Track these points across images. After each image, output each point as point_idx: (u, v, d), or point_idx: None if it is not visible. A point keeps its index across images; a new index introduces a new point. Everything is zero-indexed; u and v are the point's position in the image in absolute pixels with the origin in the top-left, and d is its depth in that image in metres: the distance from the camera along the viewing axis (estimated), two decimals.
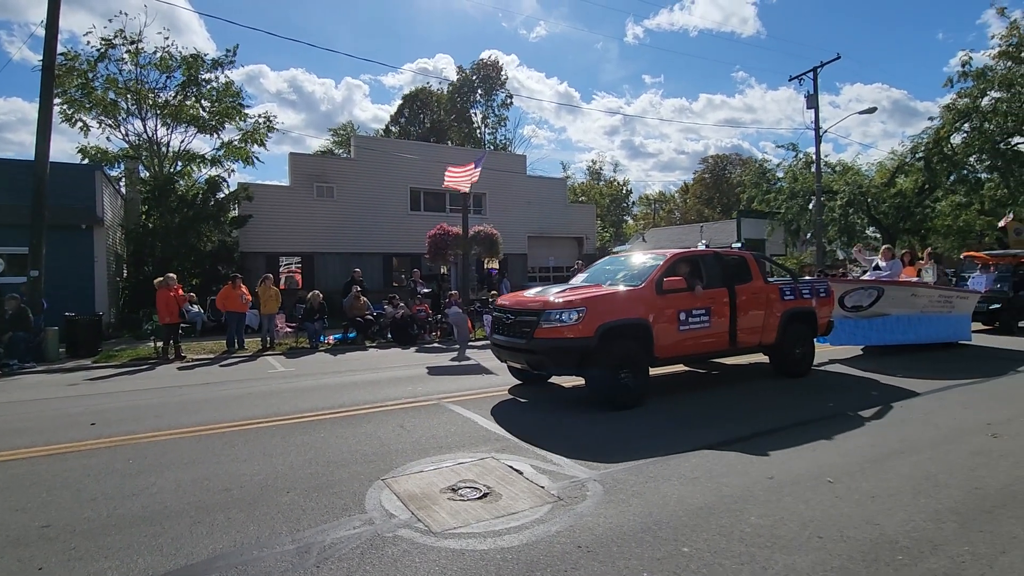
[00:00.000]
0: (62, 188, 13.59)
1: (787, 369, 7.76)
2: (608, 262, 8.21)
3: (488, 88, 48.35)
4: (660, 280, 6.52)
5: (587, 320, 5.95)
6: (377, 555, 3.02)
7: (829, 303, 8.41)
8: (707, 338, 6.89)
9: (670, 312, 6.51)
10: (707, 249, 7.92)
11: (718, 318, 6.95)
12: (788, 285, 7.88)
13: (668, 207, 66.95)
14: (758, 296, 7.43)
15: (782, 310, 7.59)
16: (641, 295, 6.42)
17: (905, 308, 9.83)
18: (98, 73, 19.26)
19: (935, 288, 10.57)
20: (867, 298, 9.53)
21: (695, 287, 6.75)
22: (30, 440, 5.40)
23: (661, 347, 6.42)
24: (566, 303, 6.09)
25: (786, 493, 3.82)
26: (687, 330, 6.66)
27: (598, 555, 3.00)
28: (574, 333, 5.95)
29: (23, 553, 3.11)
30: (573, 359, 6.01)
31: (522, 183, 27.15)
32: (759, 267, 7.70)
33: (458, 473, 4.23)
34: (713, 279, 7.09)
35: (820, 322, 8.19)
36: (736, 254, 7.91)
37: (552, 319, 6.04)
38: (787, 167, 28.03)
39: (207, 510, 3.65)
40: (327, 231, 21.95)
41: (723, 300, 7.04)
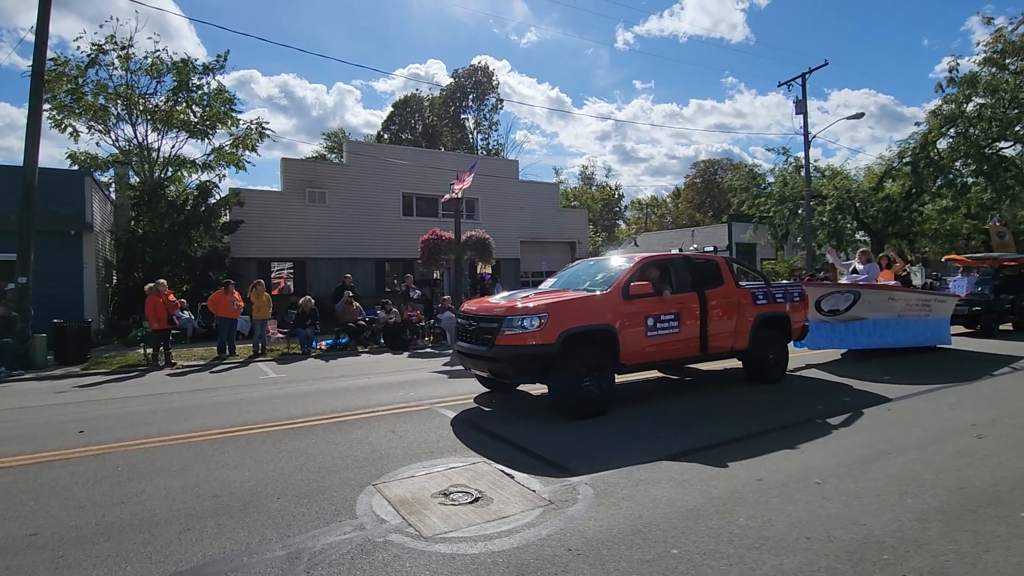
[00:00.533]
0: (51, 194, 13.49)
1: (760, 375, 7.63)
2: (580, 266, 8.06)
3: (480, 93, 48.53)
4: (627, 285, 6.37)
5: (549, 326, 5.77)
6: (368, 560, 3.02)
7: (803, 307, 8.31)
8: (677, 344, 6.76)
9: (637, 318, 6.37)
10: (677, 253, 7.77)
11: (688, 323, 6.82)
12: (761, 289, 7.74)
13: (660, 211, 67.30)
14: (729, 301, 7.30)
15: (754, 315, 7.47)
16: (606, 300, 6.28)
17: (883, 312, 9.74)
18: (88, 79, 19.20)
19: (912, 292, 10.51)
20: (844, 302, 9.45)
21: (663, 292, 6.66)
22: (17, 448, 5.35)
23: (628, 353, 6.28)
24: (528, 309, 5.90)
25: (774, 495, 3.85)
26: (655, 336, 6.53)
27: (588, 558, 3.02)
28: (536, 340, 5.76)
29: (11, 562, 3.09)
30: (536, 367, 5.84)
31: (514, 188, 27.23)
32: (731, 271, 7.59)
33: (449, 478, 4.23)
34: (683, 283, 6.96)
35: (794, 327, 8.09)
36: (707, 258, 7.82)
37: (514, 326, 5.85)
38: (777, 171, 28.28)
39: (197, 517, 3.64)
40: (319, 236, 21.90)
41: (693, 305, 6.90)
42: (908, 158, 24.04)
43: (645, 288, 6.36)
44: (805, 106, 22.76)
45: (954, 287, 13.81)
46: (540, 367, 5.84)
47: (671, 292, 6.75)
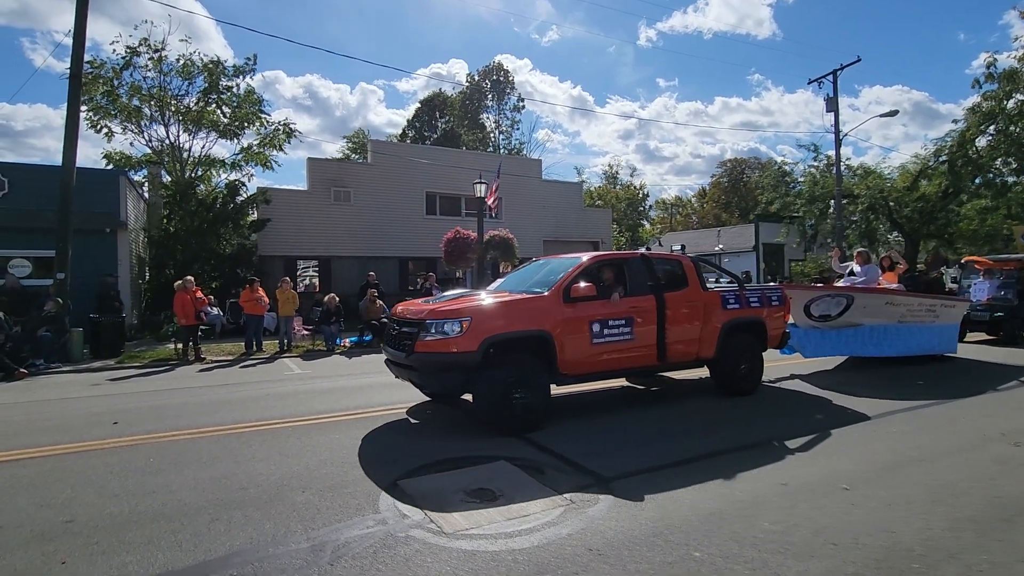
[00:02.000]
0: (87, 193, 13.92)
1: (730, 386, 6.97)
2: (532, 265, 7.38)
3: (499, 93, 48.62)
4: (568, 287, 5.79)
5: (471, 332, 5.21)
6: (389, 554, 3.06)
7: (782, 312, 7.63)
8: (629, 351, 6.14)
9: (580, 323, 5.80)
10: (633, 252, 7.02)
11: (643, 329, 6.21)
12: (732, 292, 7.12)
13: (685, 211, 66.51)
14: (694, 305, 6.68)
15: (723, 320, 6.83)
16: (544, 304, 5.73)
17: (880, 318, 8.91)
18: (123, 80, 19.79)
19: (916, 296, 9.67)
20: (836, 307, 8.61)
21: (612, 294, 6.09)
22: (55, 438, 5.55)
23: (569, 362, 5.72)
24: (449, 312, 5.37)
25: (799, 499, 3.78)
26: (603, 343, 5.94)
27: (608, 558, 3.00)
28: (457, 347, 5.20)
29: (48, 547, 3.21)
30: (457, 377, 5.30)
31: (538, 187, 27.20)
32: (697, 272, 6.93)
33: (471, 476, 4.26)
34: (639, 285, 6.37)
35: (771, 333, 7.39)
36: (669, 258, 7.24)
37: (434, 330, 5.29)
38: (807, 171, 27.70)
39: (224, 508, 3.73)
40: (344, 235, 22.20)
41: (649, 309, 6.28)
42: (945, 156, 23.32)
43: (589, 290, 5.74)
44: (836, 103, 22.25)
45: (975, 291, 13.01)
46: (462, 377, 5.30)
47: (624, 295, 6.18)
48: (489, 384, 5.26)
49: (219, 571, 2.92)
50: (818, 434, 5.34)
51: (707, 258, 8.88)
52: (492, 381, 5.26)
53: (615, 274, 6.45)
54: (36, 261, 13.70)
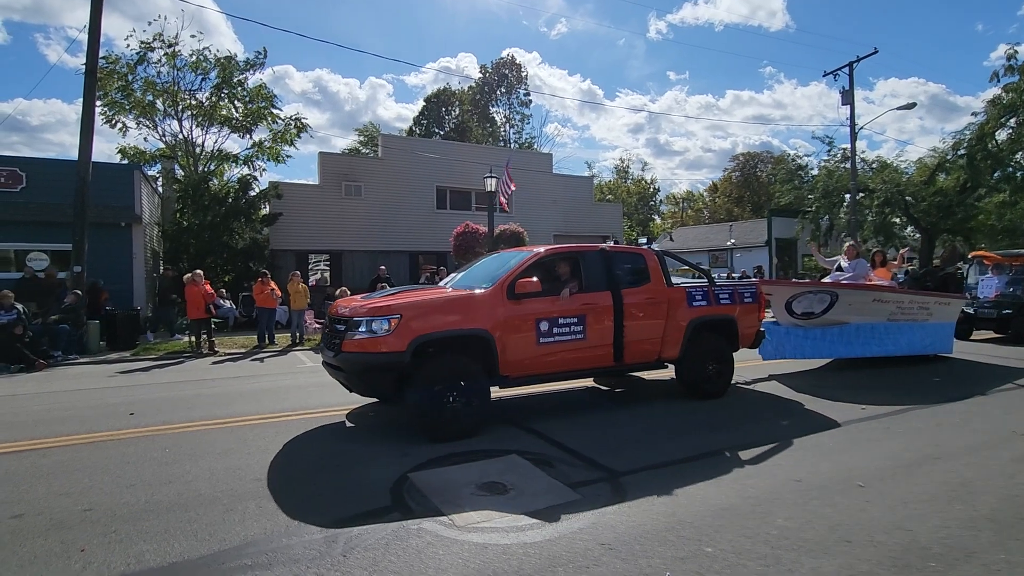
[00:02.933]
0: (103, 187, 14.08)
1: (696, 388, 6.55)
2: (492, 258, 6.82)
3: (508, 87, 48.51)
4: (513, 282, 5.40)
5: (399, 331, 4.86)
6: (401, 546, 3.08)
7: (756, 310, 7.12)
8: (581, 352, 5.74)
9: (525, 321, 5.42)
10: (589, 245, 6.52)
11: (597, 328, 5.81)
12: (699, 289, 6.66)
13: (696, 206, 66.03)
14: (655, 301, 6.25)
15: (689, 318, 6.40)
16: (483, 300, 5.33)
17: (867, 315, 8.44)
18: (137, 76, 19.95)
19: (907, 293, 9.28)
20: (819, 304, 8.17)
21: (562, 290, 5.72)
22: (73, 428, 5.65)
23: (511, 363, 5.36)
24: (378, 309, 5.00)
25: (813, 496, 3.75)
26: (550, 343, 5.54)
27: (620, 553, 3.00)
28: (384, 347, 4.86)
29: (67, 535, 3.27)
30: (386, 379, 4.97)
31: (548, 181, 27.12)
32: (660, 267, 6.50)
33: (483, 469, 4.27)
34: (595, 281, 5.97)
35: (743, 332, 6.94)
36: (630, 251, 6.73)
37: (361, 329, 4.95)
38: (821, 165, 27.36)
39: (239, 498, 3.77)
40: (355, 229, 22.29)
41: (605, 306, 5.88)
42: (964, 150, 22.91)
43: (535, 286, 5.36)
44: (852, 96, 21.92)
45: (982, 287, 12.57)
46: (392, 379, 4.97)
47: (577, 291, 5.81)
48: (419, 387, 4.88)
49: (234, 560, 2.95)
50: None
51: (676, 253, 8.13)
52: (422, 384, 4.89)
53: (569, 269, 6.08)
54: (53, 254, 13.92)
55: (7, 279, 12.49)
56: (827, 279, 9.24)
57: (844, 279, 8.82)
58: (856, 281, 8.73)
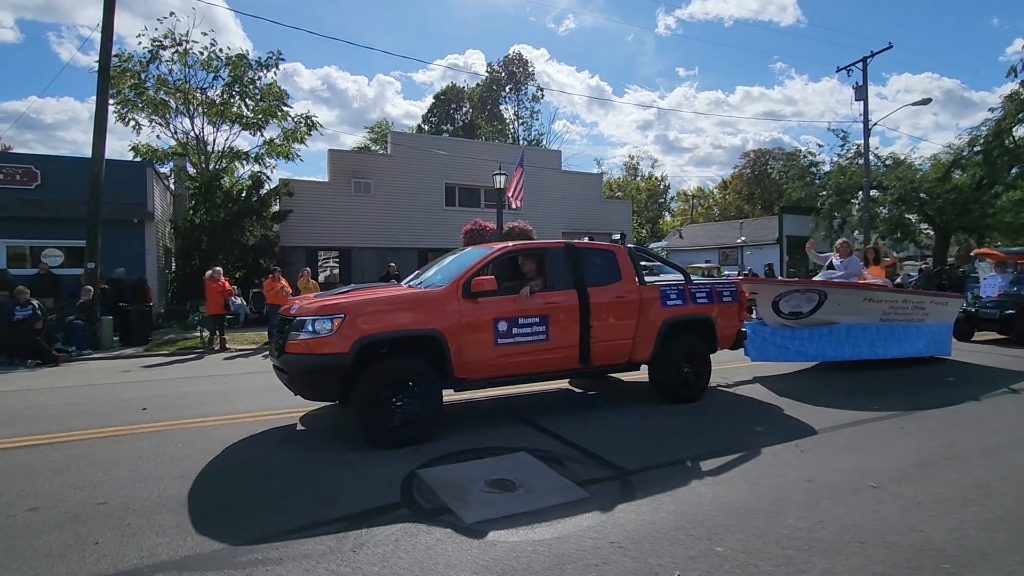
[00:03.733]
0: (115, 184, 14.22)
1: (670, 391, 6.25)
2: (458, 255, 6.41)
3: (517, 83, 48.45)
4: (468, 281, 5.17)
5: (343, 331, 4.63)
6: (411, 543, 3.08)
7: (736, 310, 6.80)
8: (543, 353, 5.47)
9: (482, 321, 5.17)
10: (554, 241, 6.26)
11: (561, 328, 5.54)
12: (674, 287, 6.36)
13: (707, 203, 65.60)
14: (626, 301, 5.95)
15: (662, 318, 6.11)
16: (436, 299, 5.10)
17: (858, 315, 8.07)
18: (149, 74, 20.12)
19: (900, 292, 8.83)
20: (807, 303, 7.83)
21: (522, 289, 5.47)
22: (87, 423, 5.72)
23: (468, 365, 5.12)
24: (322, 308, 4.78)
25: (825, 496, 3.72)
26: (509, 344, 5.28)
27: (629, 551, 2.99)
28: (327, 348, 4.63)
29: (81, 528, 3.31)
30: (330, 382, 4.73)
31: (557, 179, 27.07)
32: (632, 264, 6.20)
33: (492, 466, 4.27)
34: (560, 279, 5.71)
35: (722, 332, 6.62)
36: (599, 248, 6.40)
37: (304, 329, 4.73)
38: (834, 161, 27.06)
39: (250, 494, 3.80)
40: (364, 226, 22.37)
41: (569, 305, 5.60)
42: (980, 146, 22.57)
43: (492, 284, 5.14)
44: (866, 92, 21.68)
45: (985, 286, 12.04)
46: (335, 382, 4.73)
47: (540, 289, 5.57)
48: (363, 390, 4.66)
49: (245, 556, 2.97)
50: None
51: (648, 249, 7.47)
52: (367, 387, 4.67)
53: (534, 267, 5.90)
54: (67, 250, 14.09)
55: (22, 275, 12.65)
56: (819, 277, 8.92)
57: (836, 278, 8.49)
58: (848, 280, 8.39)
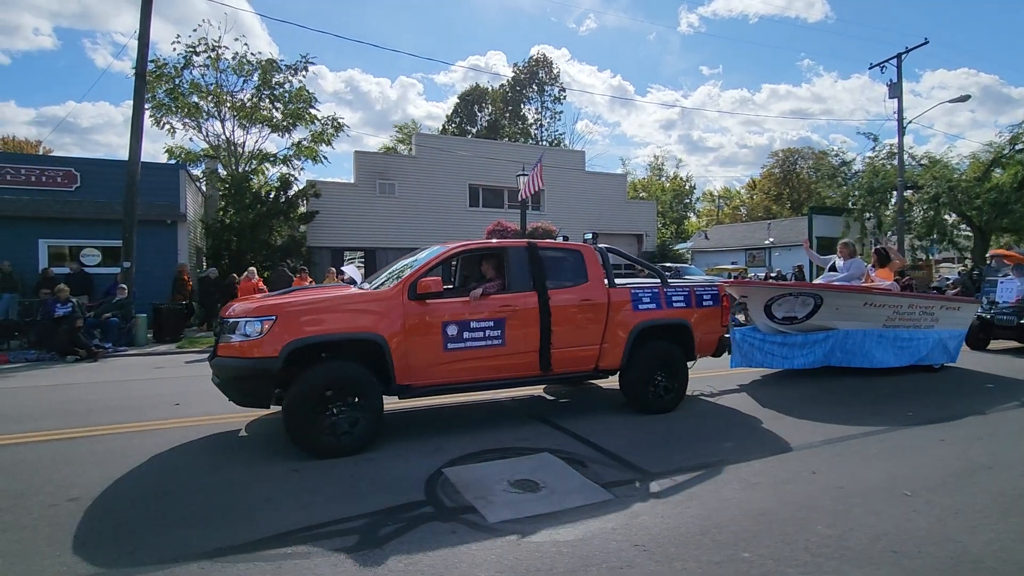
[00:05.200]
0: (150, 186, 14.63)
1: (641, 401, 5.84)
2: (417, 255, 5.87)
3: (540, 84, 48.46)
4: (415, 282, 4.89)
5: (273, 334, 4.40)
6: (436, 540, 3.11)
7: (717, 315, 6.39)
8: (498, 359, 5.17)
9: (430, 324, 4.90)
10: (516, 240, 5.82)
11: (518, 332, 5.22)
12: (648, 290, 5.98)
13: (733, 203, 64.57)
14: (593, 304, 5.61)
15: (633, 323, 5.76)
16: (379, 301, 4.83)
17: (858, 321, 7.64)
18: (183, 79, 20.69)
19: (907, 296, 8.37)
20: (802, 307, 7.41)
21: (473, 290, 5.21)
22: (124, 417, 5.90)
23: (414, 370, 4.85)
24: (254, 310, 4.57)
25: (856, 504, 3.63)
26: (460, 349, 5.00)
27: (654, 555, 2.96)
28: (258, 352, 4.40)
29: (118, 518, 3.42)
30: (260, 388, 4.50)
31: (580, 179, 26.98)
32: (601, 265, 5.89)
33: (515, 467, 4.28)
34: (520, 281, 5.38)
35: (700, 339, 6.21)
36: (565, 247, 5.97)
37: (236, 331, 4.53)
38: (867, 160, 26.37)
39: (279, 487, 3.87)
40: (389, 226, 22.63)
41: (528, 309, 5.27)
42: (1022, 144, 21.76)
43: (437, 286, 4.87)
44: (900, 89, 21.08)
45: (1001, 290, 11.12)
46: (267, 388, 4.51)
47: (496, 291, 5.27)
48: (295, 397, 4.40)
49: (274, 547, 3.04)
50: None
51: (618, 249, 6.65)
52: (296, 394, 4.41)
53: (492, 267, 5.62)
54: (104, 250, 14.57)
55: (60, 274, 13.12)
56: (819, 280, 8.48)
57: (836, 280, 8.05)
58: (849, 283, 7.94)
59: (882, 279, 8.36)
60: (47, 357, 10.19)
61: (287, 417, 4.44)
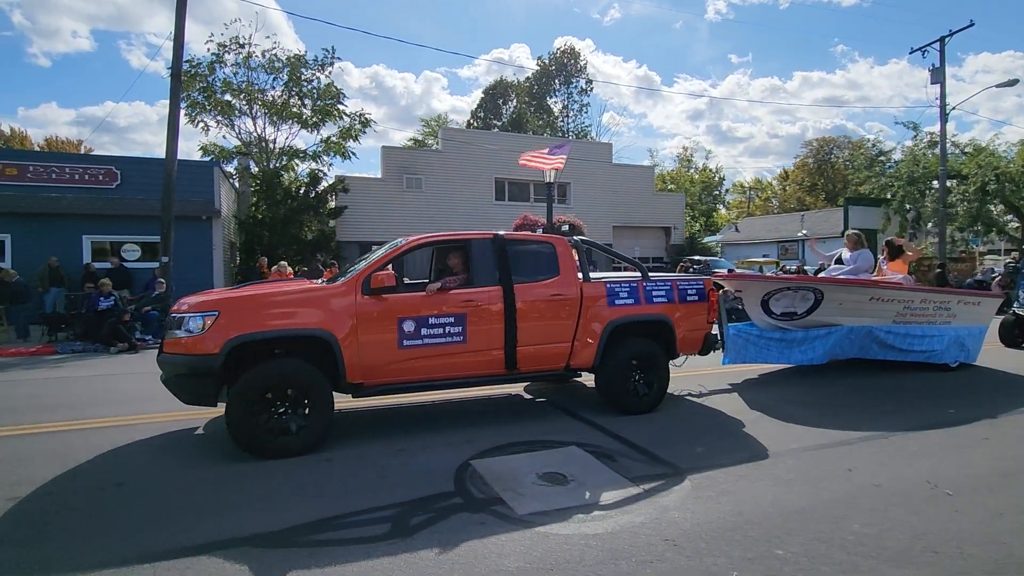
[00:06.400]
0: (185, 183, 15.03)
1: (617, 403, 5.56)
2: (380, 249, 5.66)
3: (567, 76, 48.07)
4: (369, 276, 4.70)
5: (214, 330, 4.26)
6: (465, 531, 3.14)
7: (703, 310, 6.01)
8: (459, 357, 4.97)
9: (384, 320, 4.71)
10: (481, 233, 5.53)
11: (481, 329, 5.01)
12: (625, 285, 5.68)
13: (765, 194, 63.12)
14: (563, 299, 5.34)
15: (608, 319, 5.46)
16: (329, 297, 4.67)
17: (865, 317, 7.21)
18: (216, 77, 21.20)
19: (919, 290, 7.80)
20: (802, 302, 7.00)
21: (428, 285, 5.08)
22: (164, 406, 6.07)
23: (367, 368, 4.68)
24: (197, 305, 4.49)
25: (894, 503, 3.53)
26: (417, 346, 4.81)
27: (684, 550, 2.94)
28: (200, 348, 4.27)
29: (162, 503, 3.56)
30: (203, 386, 4.35)
31: (607, 172, 26.72)
32: (576, 259, 5.66)
33: (542, 459, 4.29)
34: (484, 275, 5.15)
35: (682, 336, 5.84)
36: (536, 239, 5.76)
37: (181, 327, 4.41)
38: (905, 149, 25.43)
39: (309, 477, 3.97)
40: (416, 221, 22.78)
41: (492, 304, 5.05)
42: None
43: (391, 280, 4.68)
44: (943, 74, 20.27)
45: None
46: (209, 386, 4.35)
47: (457, 285, 5.07)
48: (237, 396, 4.26)
49: (305, 536, 3.12)
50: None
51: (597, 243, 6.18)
52: (237, 393, 4.27)
53: (456, 260, 5.42)
54: (143, 246, 15.07)
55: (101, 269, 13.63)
56: (823, 275, 7.98)
57: (842, 274, 7.62)
58: (856, 276, 7.53)
59: (894, 272, 7.93)
60: (92, 348, 10.61)
61: (226, 416, 4.29)
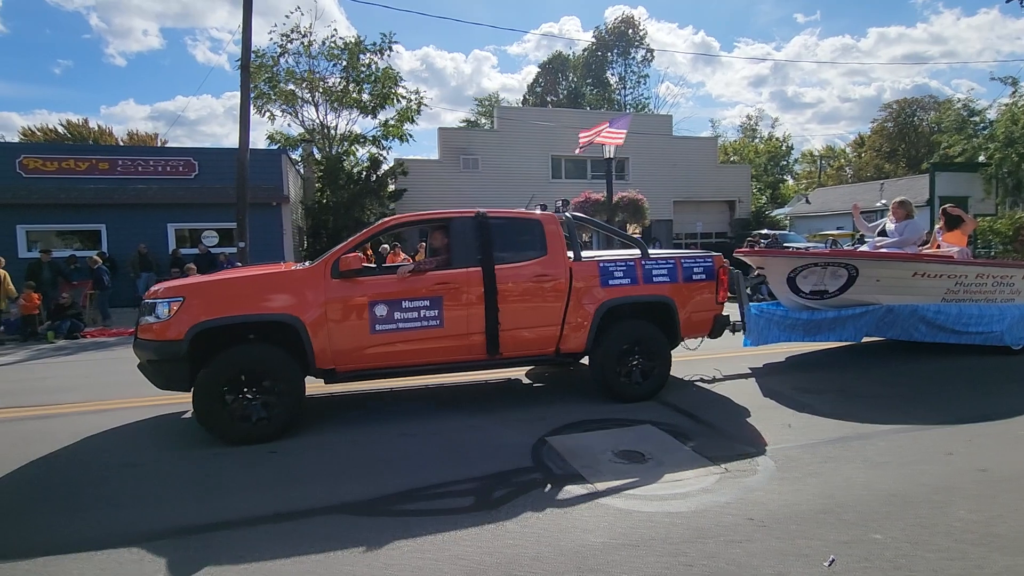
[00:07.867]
0: (255, 171, 15.64)
1: (610, 390, 5.20)
2: None
3: (624, 47, 46.55)
4: (338, 259, 4.56)
5: (179, 316, 4.25)
6: (547, 504, 3.19)
7: (710, 289, 5.51)
8: (436, 342, 4.77)
9: (355, 305, 4.58)
10: (461, 212, 5.22)
11: (459, 312, 4.79)
12: (620, 264, 5.29)
13: (837, 163, 59.34)
14: (551, 278, 5.03)
15: (600, 300, 5.12)
16: (297, 281, 4.59)
17: (908, 295, 6.50)
18: (280, 67, 21.90)
19: (974, 264, 6.83)
20: (833, 279, 6.32)
21: (402, 267, 4.90)
22: None
23: (338, 354, 4.57)
24: (165, 291, 4.49)
25: (1003, 489, 3.30)
26: (390, 331, 4.64)
27: (774, 531, 2.86)
28: (166, 334, 4.27)
29: (175, 482, 3.80)
30: (174, 372, 4.31)
31: (667, 145, 25.86)
32: (563, 237, 5.28)
33: (617, 437, 4.27)
34: (464, 255, 4.90)
35: (690, 318, 5.42)
36: (520, 217, 5.37)
37: (151, 313, 4.39)
38: (1004, 107, 23.13)
39: (391, 450, 4.14)
40: (473, 201, 22.84)
41: (470, 286, 4.81)
42: None
43: (359, 262, 4.58)
44: None
45: None
46: (180, 371, 4.31)
47: (434, 267, 4.87)
48: (204, 382, 4.24)
49: (393, 505, 3.25)
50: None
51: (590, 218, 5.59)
52: (203, 379, 4.24)
53: (437, 240, 5.22)
54: (221, 232, 15.97)
55: (187, 255, 14.57)
56: (864, 247, 7.04)
57: (885, 246, 6.83)
58: (902, 249, 6.71)
59: (951, 244, 7.08)
60: None
61: (193, 402, 4.31)
